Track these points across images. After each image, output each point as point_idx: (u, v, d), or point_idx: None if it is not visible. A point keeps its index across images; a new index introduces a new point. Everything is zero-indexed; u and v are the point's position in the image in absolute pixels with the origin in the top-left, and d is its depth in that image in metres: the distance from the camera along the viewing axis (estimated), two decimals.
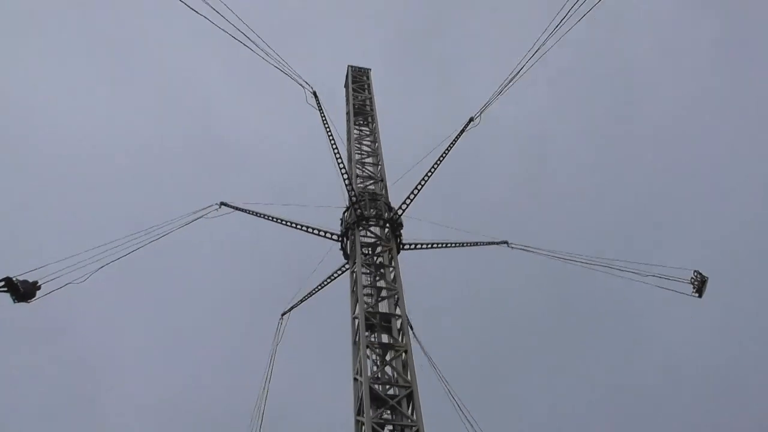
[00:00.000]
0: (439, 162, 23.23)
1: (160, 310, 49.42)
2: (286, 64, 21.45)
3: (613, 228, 53.95)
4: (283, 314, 25.50)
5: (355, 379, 18.57)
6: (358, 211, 22.40)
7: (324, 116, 22.75)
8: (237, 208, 23.82)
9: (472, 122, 23.17)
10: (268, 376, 24.88)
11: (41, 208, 47.75)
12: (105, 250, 20.73)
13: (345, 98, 29.71)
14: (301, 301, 24.95)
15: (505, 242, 24.81)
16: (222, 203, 23.78)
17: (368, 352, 18.34)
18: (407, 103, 58.43)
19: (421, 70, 65.06)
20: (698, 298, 21.19)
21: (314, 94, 22.70)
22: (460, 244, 24.25)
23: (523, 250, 24.38)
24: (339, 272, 23.76)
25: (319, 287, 24.39)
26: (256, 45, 20.51)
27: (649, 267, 22.07)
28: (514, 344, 48.09)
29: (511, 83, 21.53)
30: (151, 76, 62.67)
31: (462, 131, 23.21)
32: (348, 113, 28.55)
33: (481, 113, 22.68)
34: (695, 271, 21.40)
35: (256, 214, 23.74)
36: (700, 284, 21.16)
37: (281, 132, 57.55)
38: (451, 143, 23.35)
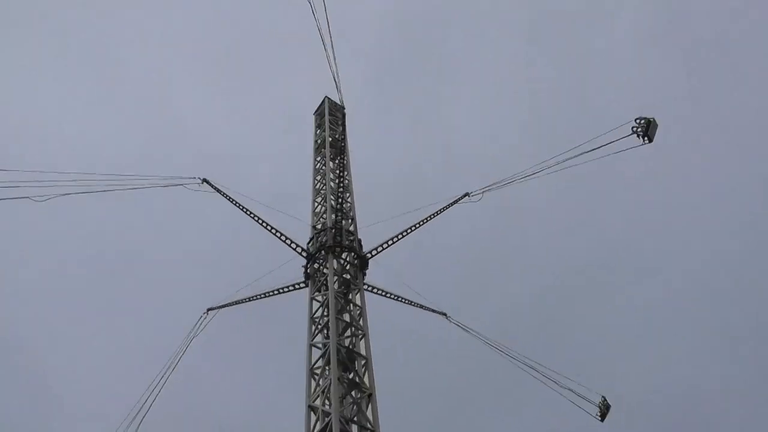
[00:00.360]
0: (421, 224, 23.83)
1: (156, 307, 47.53)
2: (338, 75, 21.08)
3: (613, 230, 53.72)
4: (208, 310, 23.91)
5: (312, 409, 18.06)
6: (338, 237, 22.19)
7: (345, 135, 22.57)
8: (218, 190, 22.49)
9: (467, 197, 24.16)
10: (171, 370, 23.10)
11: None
12: (74, 179, 18.99)
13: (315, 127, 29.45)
14: (237, 302, 23.66)
15: (444, 314, 25.80)
16: (204, 180, 22.42)
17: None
18: (405, 105, 59.13)
19: (420, 69, 64.65)
20: (600, 422, 23.83)
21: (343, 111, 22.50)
22: (408, 301, 24.82)
23: (460, 326, 25.52)
24: (291, 288, 23.05)
25: (263, 296, 23.39)
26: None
27: (566, 380, 24.33)
28: (480, 378, 46.55)
29: (521, 180, 23.03)
30: (149, 79, 59.95)
31: (454, 202, 24.14)
32: (316, 141, 28.34)
33: (482, 193, 23.74)
34: (603, 397, 24.09)
35: (234, 202, 22.48)
36: (604, 410, 23.82)
37: (281, 135, 56.94)
38: (439, 210, 24.16)
